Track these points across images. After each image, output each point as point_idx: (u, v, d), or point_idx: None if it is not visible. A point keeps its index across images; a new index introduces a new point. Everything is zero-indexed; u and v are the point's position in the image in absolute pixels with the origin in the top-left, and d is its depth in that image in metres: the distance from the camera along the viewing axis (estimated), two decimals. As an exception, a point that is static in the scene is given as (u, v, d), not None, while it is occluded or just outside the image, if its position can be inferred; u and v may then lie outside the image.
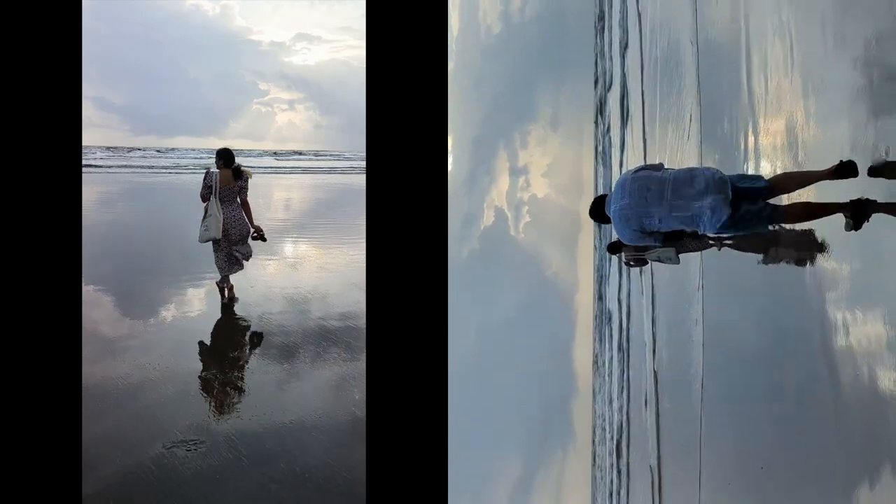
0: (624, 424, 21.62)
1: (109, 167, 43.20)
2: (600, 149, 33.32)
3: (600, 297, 32.10)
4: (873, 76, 4.10)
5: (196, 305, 9.38)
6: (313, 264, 12.44)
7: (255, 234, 9.14)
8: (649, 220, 4.47)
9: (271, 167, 47.87)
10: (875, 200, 3.98)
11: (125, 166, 45.31)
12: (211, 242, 8.94)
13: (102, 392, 6.15)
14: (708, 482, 8.03)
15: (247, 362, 7.12)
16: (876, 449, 4.01)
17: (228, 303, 9.15)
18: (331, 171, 48.48)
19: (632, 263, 7.09)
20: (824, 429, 4.72)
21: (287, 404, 5.94)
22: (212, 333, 8.11)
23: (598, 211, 4.91)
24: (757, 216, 4.42)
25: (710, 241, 6.93)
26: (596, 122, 34.84)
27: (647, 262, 6.96)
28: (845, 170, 4.10)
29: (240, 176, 8.92)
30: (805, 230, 5.11)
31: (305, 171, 48.11)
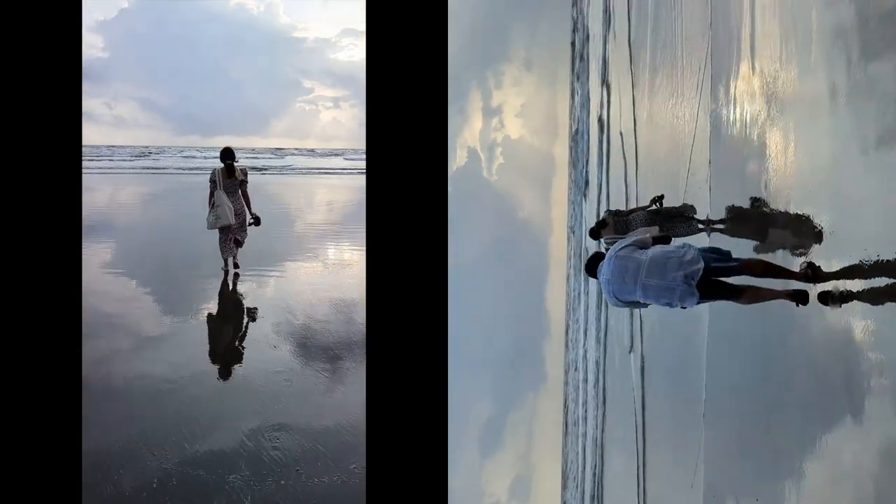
0: (599, 368, 22.01)
1: (157, 169, 41.79)
2: (577, 96, 33.21)
3: (573, 233, 32.34)
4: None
5: (231, 307, 9.72)
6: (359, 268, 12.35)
7: (252, 221, 10.63)
8: (628, 294, 5.04)
9: (315, 168, 45.92)
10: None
11: (159, 168, 43.50)
12: (218, 229, 10.36)
13: (139, 390, 6.31)
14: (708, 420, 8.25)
15: (289, 365, 7.11)
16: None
17: (233, 284, 10.25)
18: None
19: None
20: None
21: (325, 409, 5.98)
22: (244, 335, 8.36)
23: (592, 268, 5.42)
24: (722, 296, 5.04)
25: (700, 227, 7.09)
26: (572, 68, 34.60)
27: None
28: (808, 281, 4.74)
29: (234, 173, 10.41)
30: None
31: (349, 171, 46.09)
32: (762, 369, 5.49)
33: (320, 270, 12.09)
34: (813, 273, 4.74)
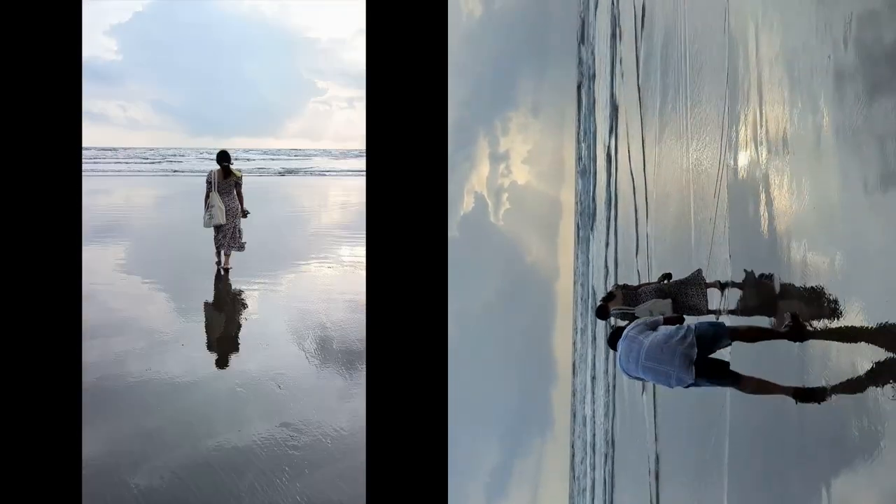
0: (608, 413, 21.64)
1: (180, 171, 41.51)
2: (582, 137, 33.29)
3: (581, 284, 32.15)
4: None
5: (251, 305, 9.53)
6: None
7: (243, 216, 11.05)
8: (633, 372, 5.36)
9: (328, 170, 46.00)
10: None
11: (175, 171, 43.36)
12: (213, 227, 10.82)
13: (152, 388, 6.20)
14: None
15: (307, 365, 6.93)
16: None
17: (224, 277, 10.63)
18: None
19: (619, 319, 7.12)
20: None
21: (340, 411, 5.83)
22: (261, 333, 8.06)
23: (614, 343, 5.71)
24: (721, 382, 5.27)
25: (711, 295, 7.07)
26: (578, 109, 34.78)
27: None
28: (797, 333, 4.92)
29: (229, 174, 10.86)
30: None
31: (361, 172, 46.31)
32: (790, 412, 5.21)
33: (335, 271, 11.87)
34: (795, 326, 4.93)
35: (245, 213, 11.09)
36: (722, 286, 7.21)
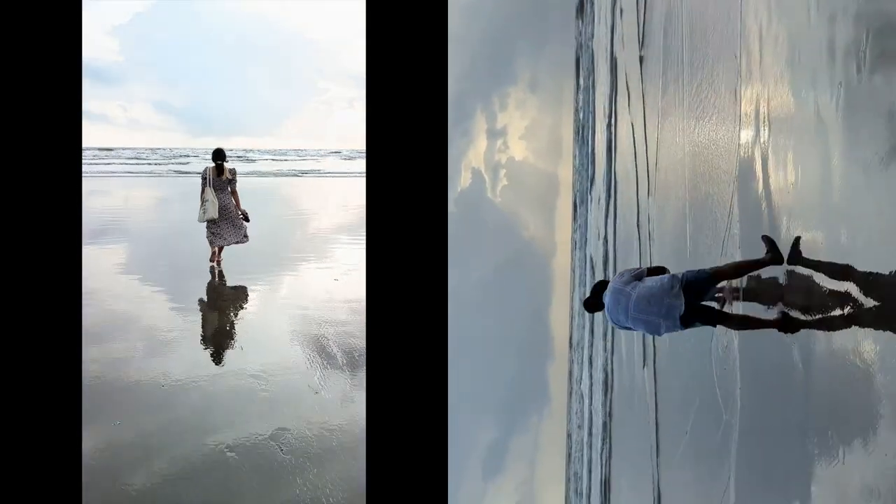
0: (606, 388, 21.38)
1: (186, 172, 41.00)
2: (580, 115, 32.90)
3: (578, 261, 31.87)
4: None
5: (251, 305, 9.77)
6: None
7: (241, 216, 11.67)
8: (623, 323, 5.55)
9: (327, 170, 45.42)
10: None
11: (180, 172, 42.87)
12: (207, 222, 11.45)
13: (152, 388, 6.31)
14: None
15: (308, 365, 7.01)
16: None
17: (218, 273, 11.17)
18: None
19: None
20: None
21: (340, 410, 5.92)
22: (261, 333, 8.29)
23: (595, 299, 5.85)
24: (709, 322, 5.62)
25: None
26: (577, 83, 34.35)
27: None
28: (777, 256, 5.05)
29: (223, 172, 11.48)
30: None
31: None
32: (800, 378, 4.90)
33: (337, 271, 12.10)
34: (772, 249, 5.05)
35: (245, 216, 11.73)
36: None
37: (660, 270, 5.76)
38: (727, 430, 6.83)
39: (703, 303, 5.41)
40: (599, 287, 5.86)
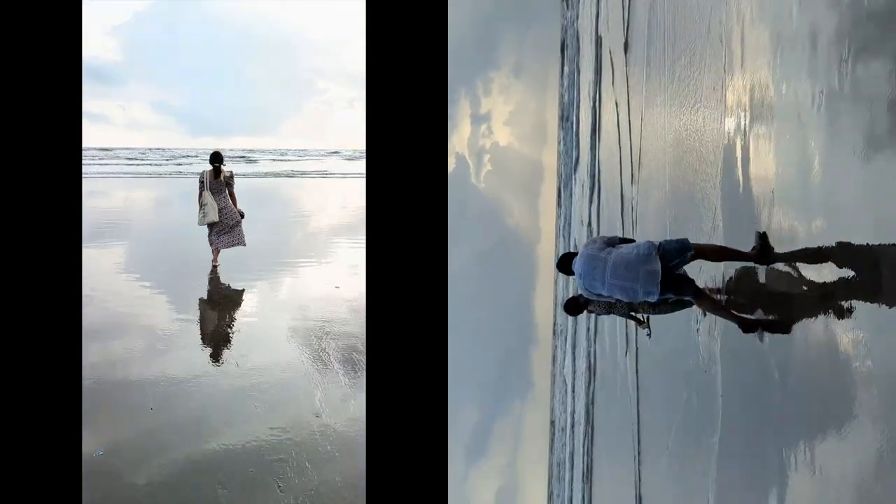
0: (589, 374, 21.48)
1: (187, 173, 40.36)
2: (565, 99, 32.87)
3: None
4: None
5: (254, 305, 9.76)
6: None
7: (238, 220, 11.62)
8: (598, 289, 5.47)
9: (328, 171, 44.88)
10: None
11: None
12: (207, 225, 11.47)
13: (152, 388, 6.27)
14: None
15: (308, 365, 6.95)
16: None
17: (216, 275, 11.14)
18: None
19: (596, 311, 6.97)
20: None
21: (341, 410, 5.89)
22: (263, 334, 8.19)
23: (565, 265, 5.82)
24: (680, 304, 5.81)
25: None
26: (562, 68, 34.31)
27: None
28: (764, 255, 5.12)
29: (220, 174, 11.42)
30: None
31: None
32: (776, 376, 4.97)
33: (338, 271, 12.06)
34: (762, 247, 5.11)
35: (241, 214, 11.73)
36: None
37: (630, 241, 5.71)
38: (709, 420, 6.90)
39: (679, 274, 5.36)
40: (567, 256, 5.81)
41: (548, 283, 35.82)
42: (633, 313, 6.91)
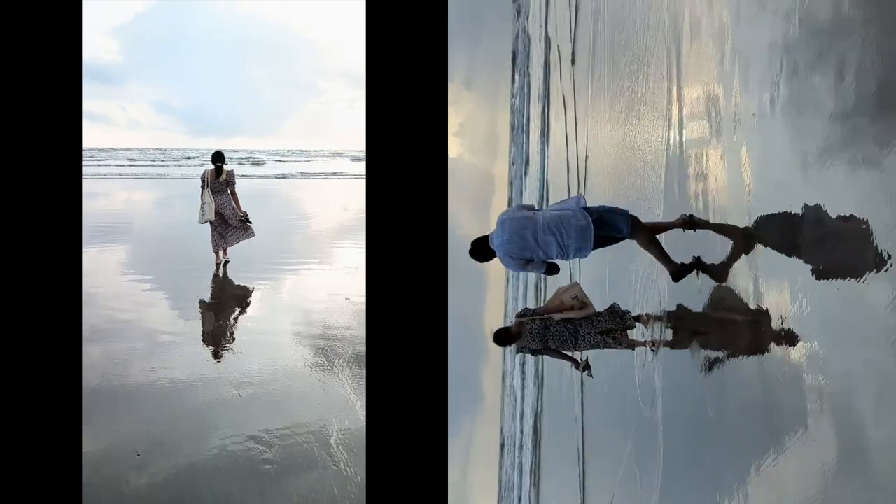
0: (537, 391, 21.58)
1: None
2: (515, 106, 33.14)
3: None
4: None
5: (254, 306, 9.82)
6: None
7: (242, 218, 11.69)
8: (529, 252, 5.39)
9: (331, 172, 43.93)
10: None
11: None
12: (208, 223, 11.57)
13: (152, 389, 6.32)
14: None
15: (308, 365, 6.98)
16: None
17: (223, 273, 11.35)
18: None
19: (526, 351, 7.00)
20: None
21: (341, 410, 5.84)
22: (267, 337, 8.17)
23: (481, 250, 5.61)
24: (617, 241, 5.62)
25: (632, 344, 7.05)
26: (513, 80, 34.63)
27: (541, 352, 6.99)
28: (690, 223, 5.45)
29: (221, 173, 11.54)
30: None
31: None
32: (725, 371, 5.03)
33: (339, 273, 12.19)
34: (691, 221, 5.43)
35: (245, 218, 11.76)
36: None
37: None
38: (651, 427, 6.96)
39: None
40: (481, 239, 5.65)
41: (498, 296, 35.92)
42: (566, 353, 6.91)
